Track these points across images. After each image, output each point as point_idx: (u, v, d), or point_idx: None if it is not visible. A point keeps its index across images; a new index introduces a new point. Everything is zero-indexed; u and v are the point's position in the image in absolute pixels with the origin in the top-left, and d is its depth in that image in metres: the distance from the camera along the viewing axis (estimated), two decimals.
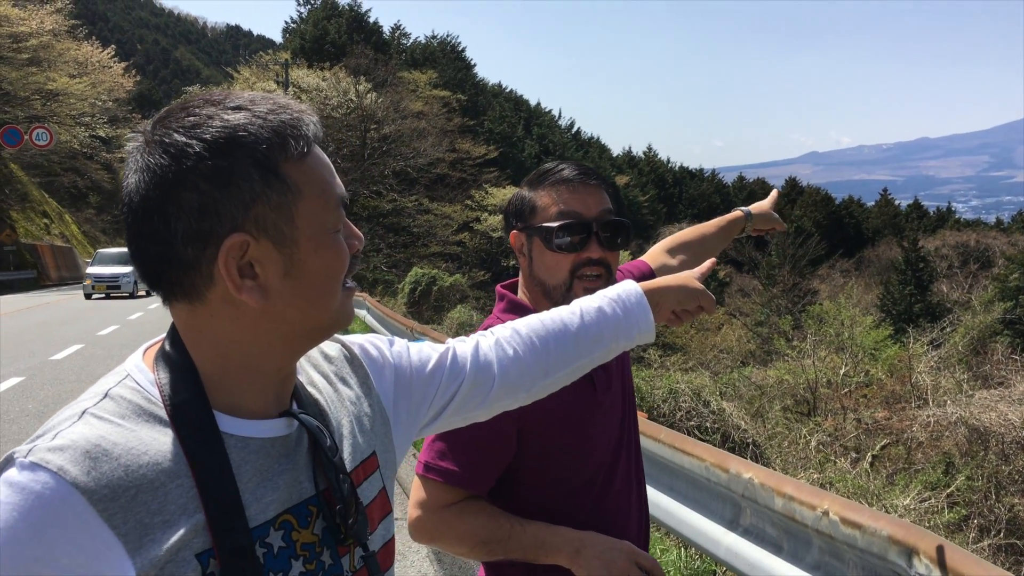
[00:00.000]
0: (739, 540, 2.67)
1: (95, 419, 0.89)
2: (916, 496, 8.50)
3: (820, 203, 70.72)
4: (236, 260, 0.92)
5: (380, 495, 1.11)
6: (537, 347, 1.32)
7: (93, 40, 48.83)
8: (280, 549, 0.94)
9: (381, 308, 12.57)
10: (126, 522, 0.84)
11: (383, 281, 32.71)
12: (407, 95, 42.53)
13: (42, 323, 19.80)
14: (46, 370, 12.15)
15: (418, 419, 1.23)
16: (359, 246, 1.03)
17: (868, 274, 44.01)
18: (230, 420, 0.95)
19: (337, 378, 1.14)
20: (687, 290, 1.47)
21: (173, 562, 0.86)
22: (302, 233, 0.94)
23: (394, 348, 1.25)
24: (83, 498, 0.82)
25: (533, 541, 1.59)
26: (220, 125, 0.91)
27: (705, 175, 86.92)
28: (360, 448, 1.09)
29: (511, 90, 77.29)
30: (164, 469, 0.88)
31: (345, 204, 1.01)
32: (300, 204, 0.94)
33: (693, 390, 10.58)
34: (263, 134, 0.92)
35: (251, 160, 0.91)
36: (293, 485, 0.98)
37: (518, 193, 1.78)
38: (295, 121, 0.96)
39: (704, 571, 4.44)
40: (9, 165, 43.65)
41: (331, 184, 0.98)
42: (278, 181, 0.92)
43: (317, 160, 0.97)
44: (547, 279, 1.72)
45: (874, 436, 10.94)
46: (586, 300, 1.40)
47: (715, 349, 21.94)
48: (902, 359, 14.49)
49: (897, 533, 1.96)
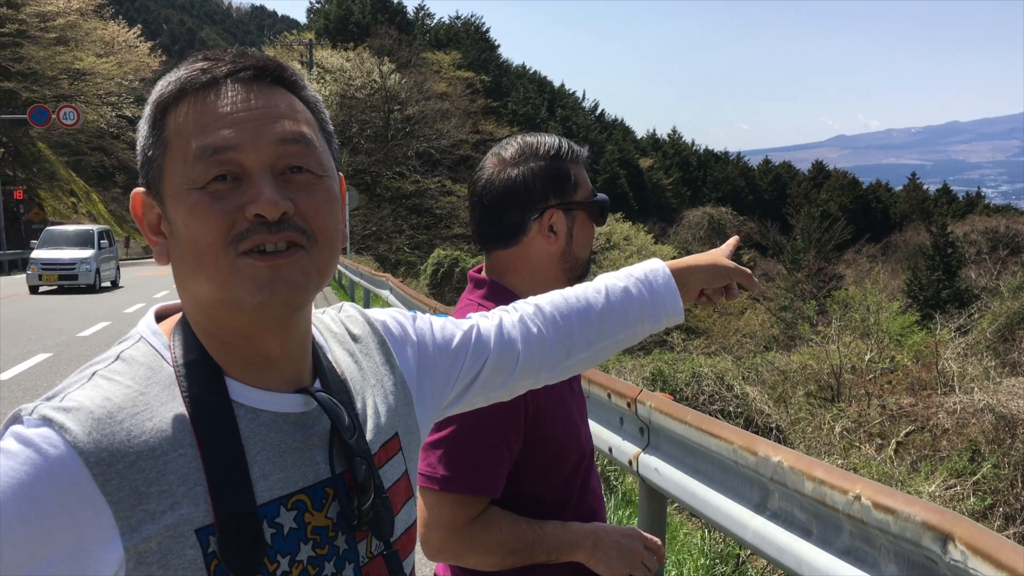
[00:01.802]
0: (767, 524, 2.64)
1: (104, 380, 0.86)
2: (941, 483, 8.44)
3: (847, 187, 70.05)
4: (146, 215, 0.93)
5: (403, 478, 1.06)
6: (560, 326, 1.27)
7: (119, 20, 49.14)
8: (291, 530, 0.90)
9: (404, 288, 12.58)
10: (120, 489, 0.80)
11: (405, 262, 32.82)
12: (431, 76, 42.51)
13: (70, 300, 20.05)
14: (73, 346, 12.30)
15: (443, 397, 1.19)
16: (256, 209, 0.86)
17: (895, 259, 43.59)
18: (241, 388, 0.92)
19: (362, 355, 1.10)
20: (717, 268, 1.41)
21: (170, 537, 0.82)
22: (166, 190, 0.90)
23: (417, 324, 1.20)
24: (80, 459, 0.79)
25: (555, 542, 1.56)
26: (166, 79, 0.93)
27: (730, 158, 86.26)
28: (383, 429, 1.05)
29: (535, 71, 77.03)
30: (167, 436, 0.84)
31: (220, 153, 0.87)
32: (167, 158, 0.89)
33: (716, 374, 10.53)
34: (167, 82, 0.92)
35: (148, 111, 0.92)
36: (308, 465, 0.94)
37: (556, 167, 1.64)
38: (206, 64, 0.91)
39: (728, 554, 4.42)
40: (37, 144, 44.12)
41: (197, 132, 0.88)
42: (155, 133, 0.91)
43: (200, 106, 0.89)
44: (582, 255, 1.69)
45: (899, 423, 10.86)
46: (611, 278, 1.35)
47: (738, 333, 21.86)
48: (928, 345, 14.36)
49: (932, 519, 1.92)
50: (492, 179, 1.65)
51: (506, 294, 1.65)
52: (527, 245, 1.65)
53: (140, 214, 0.94)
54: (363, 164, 38.27)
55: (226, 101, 0.89)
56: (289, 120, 0.91)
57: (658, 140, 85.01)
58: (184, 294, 0.94)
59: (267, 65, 0.92)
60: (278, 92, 0.92)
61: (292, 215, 0.88)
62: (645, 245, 34.16)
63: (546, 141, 1.67)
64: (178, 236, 0.89)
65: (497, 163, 1.66)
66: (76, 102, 38.44)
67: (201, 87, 0.89)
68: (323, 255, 0.92)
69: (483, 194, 1.65)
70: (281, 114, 0.91)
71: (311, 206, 0.90)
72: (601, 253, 30.56)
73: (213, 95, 0.89)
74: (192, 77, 0.89)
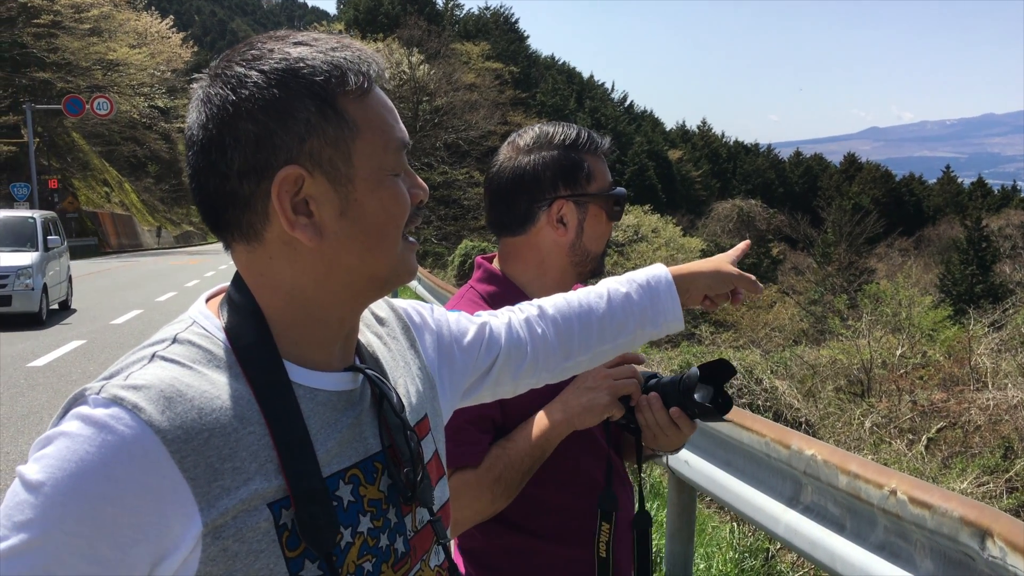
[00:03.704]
0: (799, 518, 2.62)
1: (166, 362, 0.87)
2: (973, 480, 8.32)
3: (879, 180, 69.25)
4: (290, 195, 0.89)
5: (435, 456, 1.10)
6: (562, 328, 1.30)
7: (152, 11, 49.64)
8: (350, 503, 0.93)
9: (432, 279, 12.63)
10: (197, 466, 0.81)
11: (433, 253, 32.90)
12: (459, 67, 42.50)
13: (103, 288, 20.34)
14: (107, 334, 12.48)
15: (459, 387, 1.22)
16: (423, 196, 0.99)
17: (928, 253, 43.01)
18: (298, 369, 0.93)
19: (390, 338, 1.13)
20: (720, 275, 1.42)
21: (245, 512, 0.83)
22: (359, 172, 0.91)
23: (435, 314, 1.23)
24: (157, 437, 0.80)
25: (526, 439, 1.53)
26: (280, 57, 0.90)
27: (760, 150, 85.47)
28: (415, 409, 1.08)
29: (564, 62, 76.80)
30: (236, 415, 0.86)
31: (407, 150, 0.97)
32: (358, 141, 0.91)
33: (745, 367, 10.46)
34: (322, 67, 0.90)
35: (308, 92, 0.89)
36: (359, 440, 0.96)
37: (570, 158, 1.62)
38: (356, 57, 0.93)
39: (757, 548, 4.39)
40: (71, 134, 44.71)
41: (392, 126, 0.95)
42: (335, 115, 0.90)
43: (378, 100, 0.95)
44: (594, 248, 1.66)
45: (930, 419, 10.72)
46: (613, 283, 1.36)
47: (767, 327, 21.68)
48: (961, 341, 14.15)
49: (969, 514, 1.90)
50: (504, 166, 1.64)
51: (500, 282, 1.66)
52: (535, 235, 1.64)
53: (287, 192, 0.89)
54: None
55: (385, 98, 0.97)
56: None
57: (687, 132, 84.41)
58: (301, 271, 0.93)
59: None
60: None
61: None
62: (673, 237, 33.97)
63: (563, 130, 1.64)
64: (363, 217, 0.92)
65: (511, 150, 1.65)
66: (109, 92, 38.90)
67: (372, 80, 0.94)
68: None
69: (493, 180, 1.66)
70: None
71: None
72: (629, 245, 30.44)
73: (378, 89, 0.96)
74: (371, 72, 0.94)
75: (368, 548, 0.94)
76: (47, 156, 38.67)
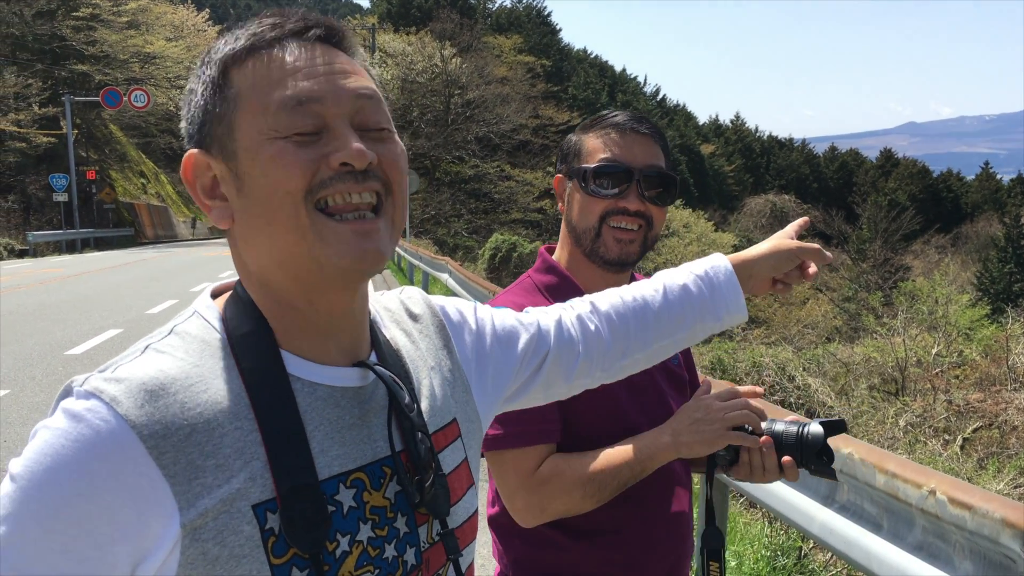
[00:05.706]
0: (835, 516, 2.59)
1: (157, 354, 0.84)
2: (1010, 481, 8.18)
3: (916, 175, 68.22)
4: (199, 178, 0.90)
5: (462, 465, 1.03)
6: (616, 325, 1.23)
7: (188, 4, 50.08)
8: (350, 509, 0.87)
9: (463, 272, 12.65)
10: (176, 462, 0.78)
11: (463, 247, 32.96)
12: (491, 60, 42.44)
13: (139, 278, 20.62)
14: (143, 323, 12.66)
15: (502, 389, 1.15)
16: (345, 157, 0.85)
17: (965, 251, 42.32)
18: (297, 361, 0.89)
19: (420, 335, 1.07)
20: (782, 253, 1.33)
21: (226, 513, 0.79)
22: (239, 144, 0.86)
23: (478, 313, 1.17)
24: (133, 432, 0.77)
25: (627, 453, 1.51)
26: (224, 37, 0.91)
27: (795, 145, 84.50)
28: (440, 412, 1.02)
29: (596, 56, 76.38)
30: (223, 409, 0.82)
31: (305, 104, 0.86)
32: (239, 113, 0.87)
33: (777, 364, 10.37)
34: (225, 42, 0.90)
35: (207, 71, 0.89)
36: (365, 442, 0.91)
37: (569, 137, 1.73)
38: (260, 21, 0.89)
39: (789, 547, 4.36)
40: (109, 126, 45.32)
41: (276, 82, 0.86)
42: (223, 90, 0.87)
43: (269, 60, 0.87)
44: (578, 223, 1.66)
45: (965, 418, 10.56)
46: (670, 275, 1.30)
47: (799, 324, 21.47)
48: (999, 340, 13.92)
49: (1011, 516, 1.86)
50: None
51: (554, 270, 1.71)
52: (562, 207, 1.74)
53: (192, 177, 0.90)
54: (423, 148, 38.44)
55: (298, 56, 0.87)
56: (361, 76, 0.91)
57: (720, 126, 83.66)
58: (250, 255, 0.91)
59: (332, 27, 0.92)
60: (341, 53, 0.92)
61: (376, 165, 0.88)
62: (705, 232, 33.75)
63: (599, 113, 1.72)
64: (253, 190, 0.86)
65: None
66: (146, 85, 39.34)
67: (270, 43, 0.88)
68: (397, 208, 0.92)
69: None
70: (354, 70, 0.91)
71: (388, 158, 0.90)
72: (660, 240, 30.28)
73: (283, 51, 0.87)
74: (261, 33, 0.89)
75: (369, 559, 0.88)
76: (85, 148, 39.24)
